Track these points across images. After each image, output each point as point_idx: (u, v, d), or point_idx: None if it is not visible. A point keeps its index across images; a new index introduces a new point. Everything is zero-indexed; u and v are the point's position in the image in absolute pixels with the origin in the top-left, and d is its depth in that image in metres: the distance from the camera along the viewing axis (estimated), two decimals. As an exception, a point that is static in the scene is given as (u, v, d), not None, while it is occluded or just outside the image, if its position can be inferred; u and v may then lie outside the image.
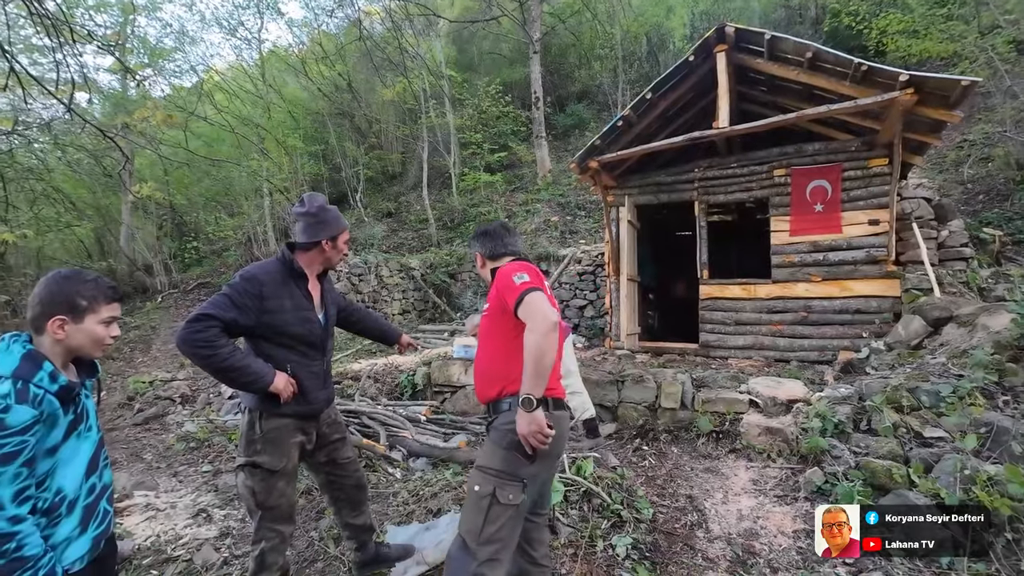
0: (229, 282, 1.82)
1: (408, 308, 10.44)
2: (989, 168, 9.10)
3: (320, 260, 2.00)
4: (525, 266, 1.76)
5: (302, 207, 1.95)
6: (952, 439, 2.84)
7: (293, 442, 1.91)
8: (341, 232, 2.00)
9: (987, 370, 3.14)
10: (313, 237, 1.93)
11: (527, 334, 1.55)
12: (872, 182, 5.39)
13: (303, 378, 1.89)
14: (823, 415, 3.29)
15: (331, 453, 2.11)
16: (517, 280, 1.64)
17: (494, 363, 1.76)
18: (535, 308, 1.57)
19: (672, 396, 4.00)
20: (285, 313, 1.84)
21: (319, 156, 16.10)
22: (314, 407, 1.96)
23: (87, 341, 1.35)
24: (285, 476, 1.89)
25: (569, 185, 13.09)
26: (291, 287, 1.89)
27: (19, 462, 1.16)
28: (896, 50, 9.82)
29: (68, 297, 1.31)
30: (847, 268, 5.44)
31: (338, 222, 2.00)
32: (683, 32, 15.95)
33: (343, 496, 2.19)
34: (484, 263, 1.96)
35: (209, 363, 1.68)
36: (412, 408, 4.61)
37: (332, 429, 2.11)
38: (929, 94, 4.46)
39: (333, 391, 2.15)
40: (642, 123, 6.25)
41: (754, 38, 5.33)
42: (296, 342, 1.89)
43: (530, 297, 1.59)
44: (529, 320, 1.56)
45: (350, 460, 2.19)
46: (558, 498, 2.81)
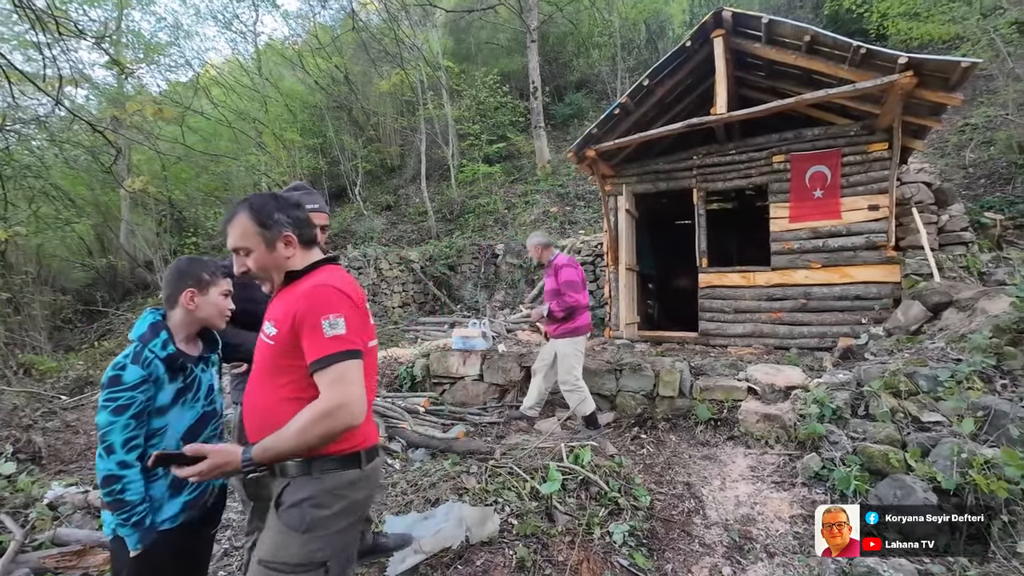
0: None
1: (408, 301, 10.45)
2: (991, 152, 9.01)
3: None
4: (347, 297, 1.28)
5: None
6: (949, 423, 2.83)
7: None
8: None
9: (985, 354, 3.13)
10: None
11: (320, 413, 1.17)
12: (872, 167, 5.34)
13: None
14: (821, 401, 3.28)
15: None
16: (328, 330, 1.20)
17: (282, 409, 1.26)
18: (344, 394, 1.18)
19: (670, 384, 4.00)
20: (260, 303, 1.84)
21: (317, 150, 16.04)
22: None
23: (213, 310, 1.57)
24: None
25: (568, 175, 13.02)
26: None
27: (129, 414, 1.36)
28: (897, 33, 9.72)
29: (196, 274, 1.54)
30: (847, 254, 5.40)
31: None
32: (682, 19, 15.80)
33: None
34: (296, 247, 1.39)
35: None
36: (411, 400, 4.62)
37: None
38: (928, 77, 4.41)
39: None
40: (640, 110, 6.19)
41: (752, 22, 5.26)
42: None
43: (343, 369, 1.20)
44: (324, 402, 1.17)
45: None
46: (556, 487, 2.82)
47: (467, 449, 3.52)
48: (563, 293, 3.73)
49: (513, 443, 3.64)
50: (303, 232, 1.40)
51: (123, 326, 10.93)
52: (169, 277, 1.55)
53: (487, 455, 3.38)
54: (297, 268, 1.38)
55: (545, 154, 13.85)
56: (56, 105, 3.53)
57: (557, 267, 3.79)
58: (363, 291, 1.44)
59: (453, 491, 2.90)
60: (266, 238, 1.34)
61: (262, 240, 1.33)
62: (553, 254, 3.91)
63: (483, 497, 2.81)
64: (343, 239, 14.05)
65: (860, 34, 11.15)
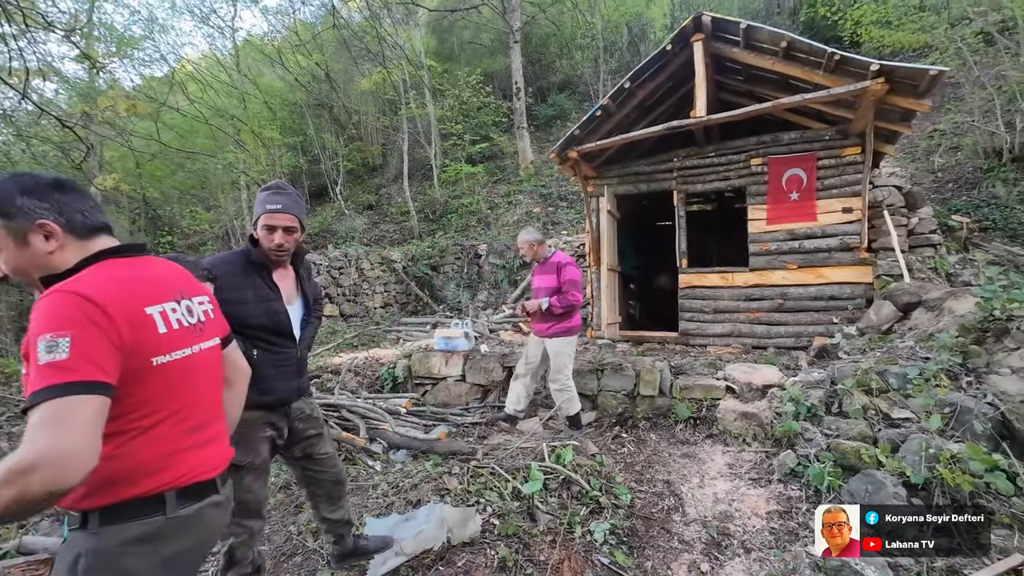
0: None
1: (390, 301, 10.37)
2: (958, 157, 9.33)
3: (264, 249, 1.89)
4: (86, 306, 0.95)
5: None
6: (918, 419, 2.92)
7: (261, 436, 1.88)
8: (256, 218, 1.86)
9: (952, 352, 3.23)
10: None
11: (10, 472, 0.82)
12: (846, 171, 5.48)
13: (265, 367, 1.85)
14: (796, 399, 3.36)
15: (307, 448, 2.08)
16: (44, 355, 0.89)
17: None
18: (48, 446, 0.84)
19: (651, 384, 4.04)
20: (247, 304, 1.80)
21: (297, 148, 15.82)
22: (278, 397, 1.92)
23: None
24: (252, 471, 1.86)
25: (551, 176, 13.08)
26: (253, 278, 1.85)
27: None
28: (870, 40, 9.99)
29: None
30: (822, 255, 5.53)
31: (256, 207, 1.88)
32: (663, 22, 16.01)
33: (320, 491, 2.17)
34: (61, 238, 1.06)
35: None
36: (392, 401, 4.59)
37: (308, 424, 2.07)
38: (899, 83, 4.54)
39: (307, 383, 2.10)
40: (621, 112, 6.25)
41: (730, 27, 5.35)
42: (262, 332, 1.85)
43: (56, 408, 0.86)
44: (19, 456, 0.83)
45: (327, 455, 2.16)
46: (537, 486, 2.82)
47: (449, 450, 3.51)
48: (567, 291, 3.72)
49: (495, 443, 3.64)
50: (72, 218, 1.07)
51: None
52: None
53: (469, 455, 3.37)
54: (62, 268, 1.05)
55: (528, 155, 13.89)
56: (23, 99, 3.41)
57: (560, 264, 3.77)
58: (176, 291, 1.17)
59: (435, 492, 2.89)
60: (12, 230, 1.03)
61: (7, 234, 1.03)
62: (549, 251, 3.90)
63: (465, 498, 2.81)
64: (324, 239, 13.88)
65: (835, 41, 11.45)
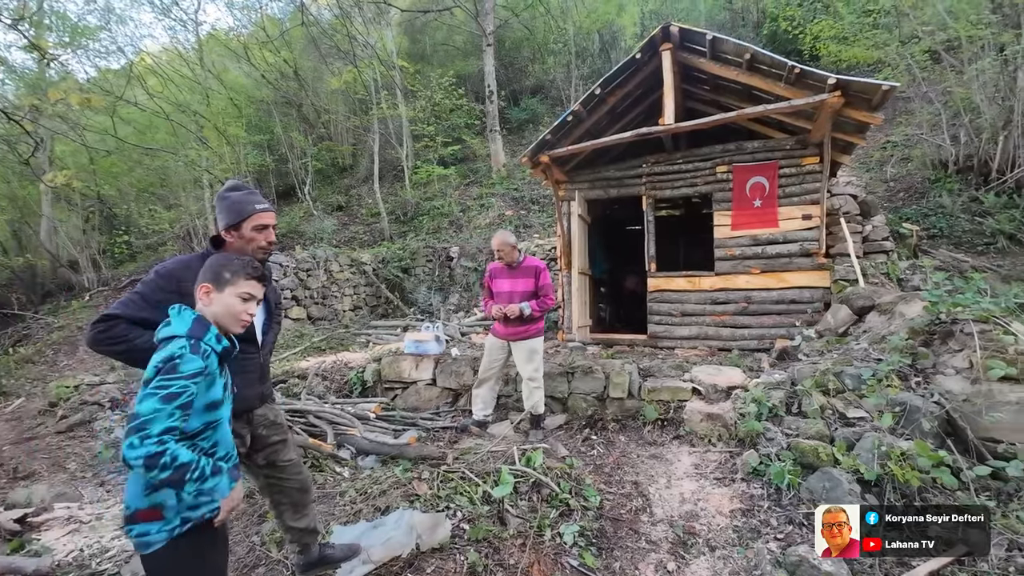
0: (143, 279, 1.73)
1: (359, 304, 10.21)
2: (909, 168, 9.83)
3: (234, 253, 1.81)
4: None
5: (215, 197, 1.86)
6: (872, 418, 3.06)
7: None
8: (244, 218, 1.79)
9: (902, 354, 3.39)
10: (220, 228, 1.82)
11: None
12: (806, 179, 5.69)
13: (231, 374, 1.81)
14: (759, 400, 3.46)
15: (271, 455, 2.02)
16: None
17: None
18: None
19: (620, 386, 4.10)
20: None
21: (264, 146, 15.43)
22: (241, 405, 1.85)
23: (225, 312, 1.51)
24: None
25: (523, 179, 13.14)
26: None
27: (177, 403, 1.30)
28: (828, 55, 10.43)
29: (215, 271, 1.51)
30: (783, 260, 5.73)
31: (237, 208, 1.79)
32: (634, 30, 16.31)
33: (285, 500, 2.12)
34: None
35: (129, 355, 1.61)
36: (361, 405, 4.51)
37: (272, 431, 2.02)
38: (854, 97, 4.75)
39: (270, 389, 2.06)
40: (592, 118, 6.34)
41: (697, 38, 5.49)
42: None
43: None
44: None
45: (292, 463, 2.11)
46: (508, 490, 2.83)
47: (419, 455, 3.47)
48: (544, 295, 3.80)
49: (466, 447, 3.62)
50: None
51: (43, 331, 10.08)
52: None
53: (439, 460, 3.35)
54: None
55: (500, 157, 13.92)
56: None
57: (539, 269, 3.83)
58: None
59: (404, 498, 2.86)
60: None
61: None
62: (522, 255, 3.93)
63: (435, 503, 2.79)
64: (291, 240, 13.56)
65: (795, 54, 11.91)
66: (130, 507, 1.37)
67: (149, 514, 1.36)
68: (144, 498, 1.37)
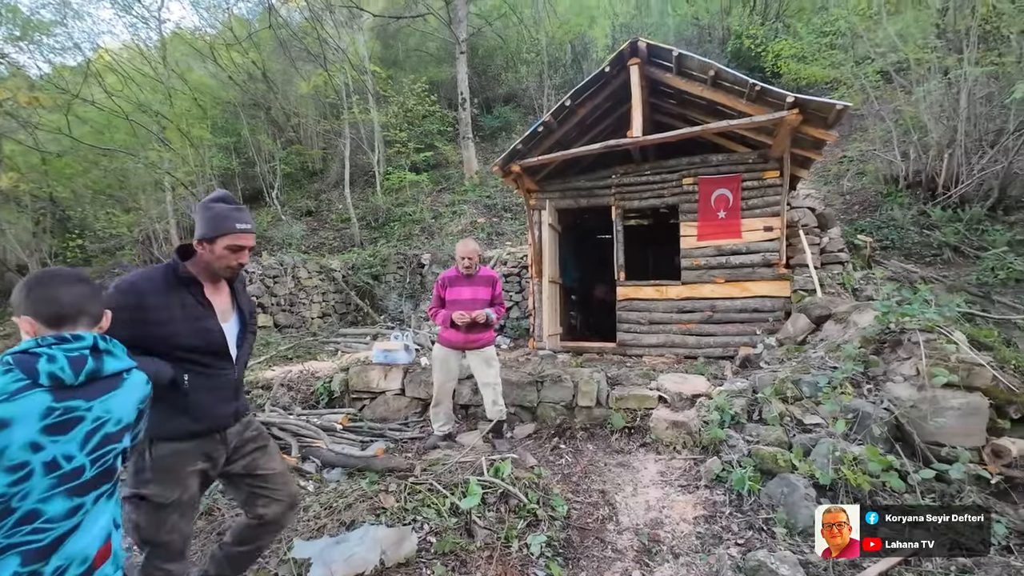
0: (104, 293, 1.65)
1: (328, 311, 10.01)
2: (863, 182, 10.31)
3: (203, 265, 1.76)
4: None
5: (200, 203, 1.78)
6: (827, 425, 3.18)
7: (191, 470, 1.72)
8: (219, 235, 1.71)
9: (855, 362, 3.54)
10: (194, 237, 1.75)
11: None
12: (767, 192, 5.90)
13: (199, 393, 1.72)
14: (722, 408, 3.56)
15: (249, 465, 1.90)
16: None
17: None
18: None
19: (588, 395, 4.14)
20: (174, 324, 1.66)
21: (230, 149, 15.03)
22: (212, 424, 1.78)
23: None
24: (178, 509, 1.70)
25: (496, 187, 13.19)
26: (182, 294, 1.70)
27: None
28: (788, 73, 10.86)
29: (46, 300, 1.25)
30: (746, 271, 5.91)
31: (216, 222, 1.71)
32: (605, 43, 16.63)
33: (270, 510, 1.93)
34: None
35: None
36: (328, 417, 4.43)
37: (248, 443, 1.91)
38: (811, 115, 4.97)
39: (245, 404, 1.95)
40: (562, 129, 6.42)
41: (664, 54, 5.65)
42: (193, 353, 1.71)
43: None
44: None
45: (276, 472, 1.96)
46: (475, 501, 2.82)
47: (386, 466, 3.43)
48: (500, 304, 3.90)
49: (434, 458, 3.59)
50: None
51: (-13, 339, 9.51)
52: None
53: (407, 472, 3.31)
54: None
55: (473, 164, 13.94)
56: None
57: (494, 279, 3.91)
58: None
59: (370, 511, 2.82)
60: None
61: None
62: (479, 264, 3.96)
63: (401, 516, 2.76)
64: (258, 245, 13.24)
65: (759, 70, 12.37)
66: None
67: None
68: None
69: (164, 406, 1.64)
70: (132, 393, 1.30)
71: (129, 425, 1.29)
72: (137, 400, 1.31)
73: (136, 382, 1.32)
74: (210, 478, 1.84)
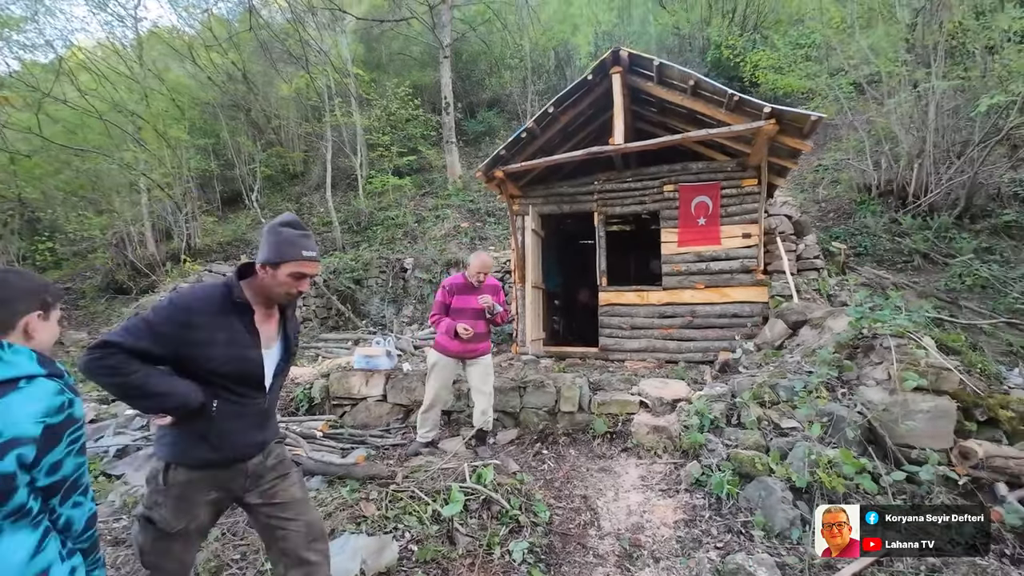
0: (156, 304, 1.58)
1: (309, 316, 9.89)
2: (838, 190, 10.58)
3: (259, 288, 1.69)
4: None
5: (266, 225, 1.70)
6: (803, 428, 3.25)
7: (204, 500, 1.66)
8: (285, 261, 1.63)
9: (830, 366, 3.63)
10: (257, 259, 1.67)
11: None
12: (745, 199, 6.02)
13: (225, 421, 1.64)
14: (701, 412, 3.61)
15: (267, 492, 1.79)
16: None
17: None
18: None
19: (570, 400, 4.16)
20: (214, 347, 1.58)
21: (209, 151, 14.76)
22: (232, 455, 1.69)
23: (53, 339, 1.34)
24: (183, 538, 1.64)
25: (479, 191, 13.18)
26: (230, 319, 1.62)
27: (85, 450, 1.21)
28: (767, 83, 11.11)
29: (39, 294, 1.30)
30: (725, 276, 6.02)
31: (282, 248, 1.63)
32: (588, 50, 16.79)
33: (288, 548, 1.78)
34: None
35: (120, 388, 1.46)
36: (308, 424, 4.36)
37: (270, 471, 1.80)
38: (787, 125, 5.09)
39: (274, 431, 1.85)
40: (545, 135, 6.47)
41: (645, 63, 5.74)
42: (227, 380, 1.63)
43: None
44: None
45: (296, 501, 1.83)
46: (457, 508, 2.81)
47: (367, 474, 3.39)
48: (506, 310, 3.93)
49: (416, 465, 3.57)
50: None
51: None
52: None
53: (388, 479, 3.28)
54: None
55: (457, 169, 13.92)
56: None
57: (498, 287, 3.95)
58: None
59: (350, 520, 2.78)
60: None
61: None
62: None
63: (382, 524, 2.73)
64: (237, 248, 13.01)
65: (737, 80, 12.63)
66: None
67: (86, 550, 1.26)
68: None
69: (186, 432, 1.60)
70: (26, 404, 1.12)
71: (25, 441, 1.10)
72: (36, 413, 1.12)
73: (36, 393, 1.15)
74: (224, 507, 1.78)
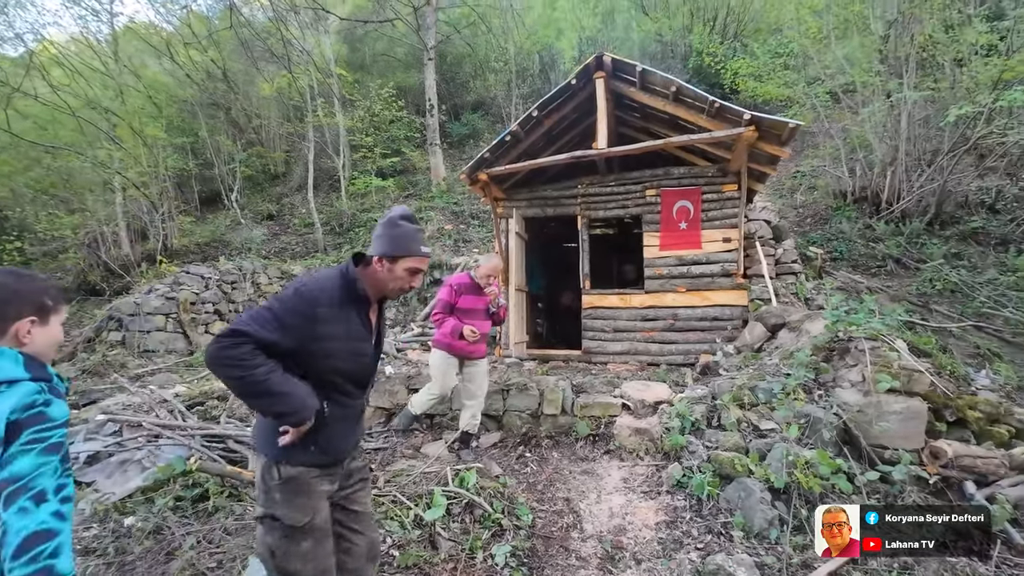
0: (279, 294, 1.52)
1: (290, 318, 9.73)
2: (815, 196, 10.83)
3: (372, 281, 1.65)
4: None
5: (383, 218, 1.67)
6: (781, 430, 3.30)
7: (321, 490, 1.61)
8: (404, 255, 1.60)
9: (807, 369, 3.70)
10: (371, 251, 1.64)
11: None
12: (726, 204, 6.12)
13: (336, 423, 1.59)
14: (682, 414, 3.65)
15: (345, 498, 1.75)
16: None
17: None
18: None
19: (553, 403, 4.17)
20: (336, 342, 1.54)
21: (187, 149, 14.48)
22: (336, 456, 1.66)
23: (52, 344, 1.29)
24: (312, 534, 1.56)
25: (463, 194, 13.16)
26: (348, 311, 1.58)
27: (60, 455, 1.13)
28: (746, 90, 11.32)
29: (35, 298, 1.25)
30: (706, 280, 6.10)
31: (401, 242, 1.61)
32: (572, 54, 16.91)
33: (348, 565, 1.73)
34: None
35: (241, 384, 1.39)
36: (288, 428, 4.28)
37: (355, 474, 1.78)
38: (766, 132, 5.20)
39: (364, 430, 1.84)
40: (529, 139, 6.50)
41: (628, 68, 5.80)
42: (341, 378, 1.60)
43: None
44: None
45: (367, 513, 1.82)
46: (439, 512, 2.79)
47: (348, 479, 3.34)
48: (504, 309, 3.94)
49: (398, 469, 3.54)
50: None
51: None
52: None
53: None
54: None
55: (440, 171, 13.88)
56: None
57: (499, 289, 3.96)
58: None
59: (330, 526, 2.74)
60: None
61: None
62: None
63: (363, 530, 2.69)
64: (215, 249, 12.76)
65: (719, 87, 12.85)
66: None
67: None
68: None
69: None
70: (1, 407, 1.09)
71: None
72: (3, 412, 1.08)
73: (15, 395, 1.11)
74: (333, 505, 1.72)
